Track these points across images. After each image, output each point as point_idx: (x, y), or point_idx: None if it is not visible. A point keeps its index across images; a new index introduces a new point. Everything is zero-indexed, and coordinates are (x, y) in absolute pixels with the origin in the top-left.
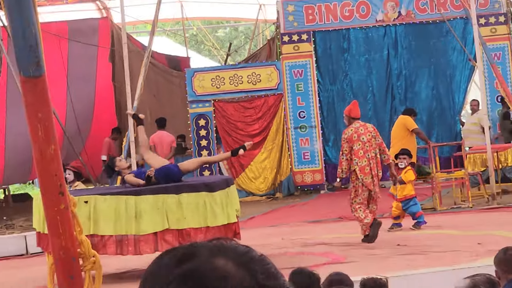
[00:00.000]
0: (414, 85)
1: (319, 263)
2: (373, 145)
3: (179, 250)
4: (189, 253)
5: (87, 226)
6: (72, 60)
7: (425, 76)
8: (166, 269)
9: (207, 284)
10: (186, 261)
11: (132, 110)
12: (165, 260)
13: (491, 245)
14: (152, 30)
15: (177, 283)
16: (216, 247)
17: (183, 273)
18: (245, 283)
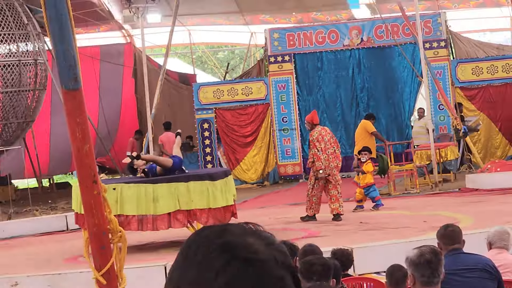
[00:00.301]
0: (374, 96)
1: (298, 236)
2: (332, 143)
3: (217, 227)
4: (226, 229)
5: (115, 208)
6: (103, 77)
7: (382, 89)
8: (208, 240)
9: (242, 255)
10: (224, 235)
11: (151, 116)
12: (205, 232)
13: (434, 223)
14: (166, 52)
15: (219, 251)
16: (247, 229)
17: (223, 243)
18: (271, 261)
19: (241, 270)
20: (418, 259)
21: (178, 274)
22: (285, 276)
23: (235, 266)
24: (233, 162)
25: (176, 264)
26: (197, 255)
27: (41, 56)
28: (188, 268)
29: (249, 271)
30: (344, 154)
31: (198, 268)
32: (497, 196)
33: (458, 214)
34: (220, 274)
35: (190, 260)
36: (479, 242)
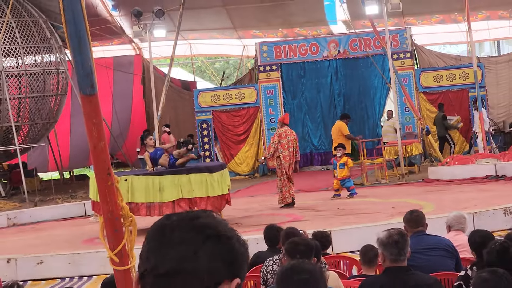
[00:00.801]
0: (349, 100)
1: (284, 221)
2: (293, 144)
3: (183, 214)
4: (195, 215)
5: (126, 196)
6: (116, 84)
7: (356, 94)
8: (182, 223)
9: (215, 233)
10: (195, 219)
11: (158, 118)
12: (175, 218)
13: (401, 209)
14: (170, 63)
15: (195, 232)
16: (209, 214)
17: (198, 225)
18: (235, 238)
19: (216, 246)
20: (387, 239)
21: (156, 255)
22: (246, 252)
23: (211, 243)
24: (228, 157)
25: (151, 248)
26: (174, 237)
27: (62, 66)
28: (167, 249)
29: (222, 247)
30: (324, 149)
31: (178, 248)
32: (455, 186)
33: (422, 201)
34: (199, 251)
35: (167, 242)
36: (440, 225)
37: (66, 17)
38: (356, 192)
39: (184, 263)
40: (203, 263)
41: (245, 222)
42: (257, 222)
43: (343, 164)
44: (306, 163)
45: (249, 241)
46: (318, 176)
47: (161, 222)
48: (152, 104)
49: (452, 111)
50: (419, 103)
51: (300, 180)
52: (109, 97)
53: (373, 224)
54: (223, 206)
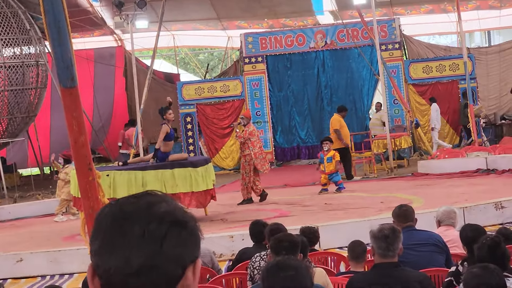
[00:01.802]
0: (337, 92)
1: (271, 216)
2: (259, 140)
3: (134, 201)
4: (149, 202)
5: (108, 192)
6: (97, 76)
7: (344, 86)
8: (140, 214)
9: (176, 220)
10: (151, 208)
11: (140, 111)
12: (128, 209)
13: (390, 203)
14: (153, 54)
15: (157, 221)
16: (162, 197)
17: (158, 214)
18: (193, 221)
19: (179, 234)
20: (378, 233)
21: (119, 253)
22: (201, 235)
23: (174, 232)
24: (212, 151)
25: (109, 243)
26: (135, 230)
27: (42, 58)
28: (131, 245)
29: (185, 233)
30: (311, 143)
31: (143, 243)
32: (445, 180)
33: (411, 196)
34: (164, 242)
35: (129, 237)
36: (429, 220)
37: (45, 7)
38: (344, 187)
39: (153, 257)
40: (170, 253)
41: (231, 218)
42: (242, 218)
43: (331, 158)
44: (293, 157)
45: (234, 237)
46: (305, 170)
47: (113, 212)
48: (135, 97)
49: (442, 104)
50: (408, 95)
51: (287, 174)
52: (90, 90)
53: (362, 220)
54: (208, 202)
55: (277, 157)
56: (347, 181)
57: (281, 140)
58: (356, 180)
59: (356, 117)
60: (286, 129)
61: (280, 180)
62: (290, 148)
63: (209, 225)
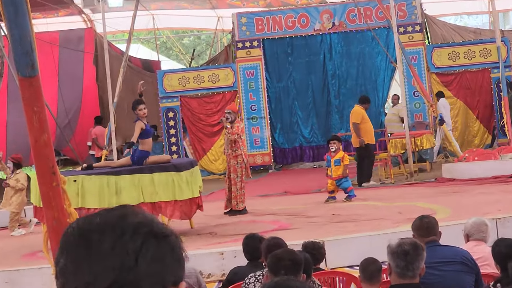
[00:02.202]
0: (346, 83)
1: (268, 229)
2: None
3: (102, 214)
4: (122, 213)
5: (75, 201)
6: (62, 64)
7: (354, 75)
8: (111, 225)
9: (153, 232)
10: (124, 218)
11: (113, 105)
12: (97, 220)
13: (409, 214)
14: (129, 38)
15: (130, 233)
16: (134, 209)
17: (130, 224)
18: (173, 235)
19: (157, 248)
20: (396, 248)
21: (87, 268)
22: (185, 254)
23: (150, 245)
24: (199, 152)
25: (77, 259)
26: (106, 243)
27: None
28: (101, 259)
29: (164, 247)
30: (316, 143)
31: (113, 257)
32: (474, 186)
33: (434, 205)
34: (139, 256)
35: (98, 250)
36: (456, 234)
37: None
38: (354, 195)
39: (125, 273)
40: (147, 270)
41: (220, 231)
42: (234, 231)
43: (339, 160)
44: (295, 159)
45: (225, 254)
46: (309, 175)
47: (79, 226)
48: (107, 89)
49: (471, 96)
50: (431, 86)
51: (287, 179)
52: (54, 79)
53: (376, 233)
54: (194, 212)
55: (276, 160)
56: (357, 188)
57: (280, 140)
58: (371, 187)
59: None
60: (287, 127)
61: (280, 186)
62: (291, 149)
63: (195, 240)
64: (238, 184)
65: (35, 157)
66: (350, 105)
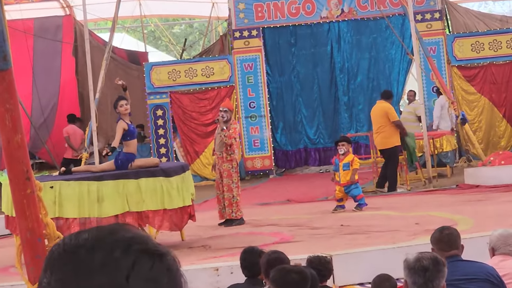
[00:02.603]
0: (356, 77)
1: (268, 242)
2: None
3: (92, 230)
4: (113, 228)
5: (52, 210)
6: (38, 55)
7: (365, 68)
8: (102, 240)
9: (147, 250)
10: (114, 233)
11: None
12: (85, 236)
13: (427, 225)
14: (112, 26)
15: (121, 249)
16: (126, 226)
17: (122, 240)
18: (169, 254)
19: (152, 266)
20: (414, 263)
21: (74, 287)
22: (180, 269)
23: (144, 263)
24: (191, 155)
25: (63, 278)
26: (96, 259)
27: None
28: (89, 277)
29: (158, 267)
30: (322, 144)
31: (103, 275)
32: (500, 194)
33: (456, 215)
34: (132, 274)
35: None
36: (480, 247)
37: None
38: (366, 203)
39: None
40: None
41: (215, 244)
42: (231, 245)
43: (348, 164)
44: (299, 163)
45: (220, 270)
46: (315, 181)
47: (66, 242)
48: (88, 83)
49: (497, 92)
50: (451, 81)
51: (290, 186)
52: (29, 73)
53: (390, 247)
54: (185, 223)
55: (278, 163)
56: (387, 194)
57: (282, 141)
58: (400, 193)
59: None
60: (290, 126)
61: (282, 193)
62: (294, 151)
63: (186, 254)
64: (235, 191)
65: (7, 160)
66: (360, 102)
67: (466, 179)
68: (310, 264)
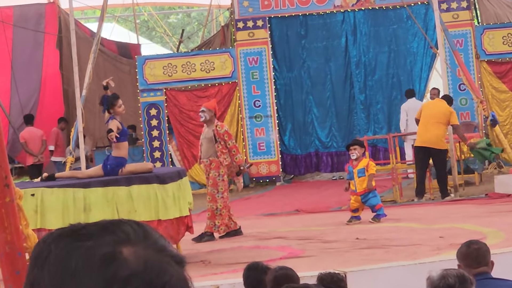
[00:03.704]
0: (374, 73)
1: (275, 257)
2: None
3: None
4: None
5: (34, 220)
6: (17, 47)
7: (384, 63)
8: (89, 250)
9: None
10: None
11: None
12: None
13: (453, 239)
14: (101, 16)
15: (100, 264)
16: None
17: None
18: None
19: None
20: (438, 281)
21: None
22: None
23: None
24: (189, 159)
25: None
26: (83, 270)
27: None
28: None
29: None
30: (336, 148)
31: None
32: None
33: (485, 228)
34: None
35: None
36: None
37: None
38: (384, 214)
39: None
40: None
41: (216, 259)
42: (233, 260)
43: (363, 170)
44: (310, 169)
45: (221, 287)
46: (327, 189)
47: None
48: (74, 79)
49: None
50: (480, 78)
51: (300, 194)
52: (7, 67)
53: (411, 263)
54: (182, 235)
55: (286, 169)
56: (440, 201)
57: (291, 144)
58: (449, 200)
59: None
60: (299, 128)
61: (290, 203)
62: (304, 155)
63: None
64: (219, 202)
65: None
66: (379, 101)
67: (496, 187)
68: (321, 282)
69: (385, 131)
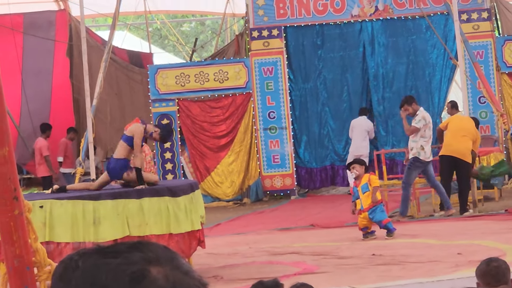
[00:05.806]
0: (392, 84)
1: (289, 273)
2: None
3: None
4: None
5: (42, 233)
6: (27, 55)
7: (403, 75)
8: (120, 268)
9: None
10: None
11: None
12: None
13: (472, 256)
14: (113, 24)
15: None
16: (161, 248)
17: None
18: None
19: None
20: None
21: None
22: None
23: None
24: (201, 171)
25: None
26: None
27: None
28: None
29: None
30: None
31: None
32: None
33: (505, 245)
34: None
35: None
36: None
37: None
38: (394, 227)
39: None
40: None
41: (228, 275)
42: (246, 275)
43: (367, 185)
44: (325, 183)
45: None
46: (343, 203)
47: (83, 262)
48: (84, 88)
49: None
50: (501, 90)
51: (315, 208)
52: (17, 75)
53: (428, 280)
54: (194, 249)
55: (301, 183)
56: (458, 217)
57: (306, 157)
58: (468, 216)
59: None
60: (315, 140)
61: (305, 217)
62: (320, 169)
63: None
64: None
65: None
66: (397, 113)
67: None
68: None
69: (404, 145)
